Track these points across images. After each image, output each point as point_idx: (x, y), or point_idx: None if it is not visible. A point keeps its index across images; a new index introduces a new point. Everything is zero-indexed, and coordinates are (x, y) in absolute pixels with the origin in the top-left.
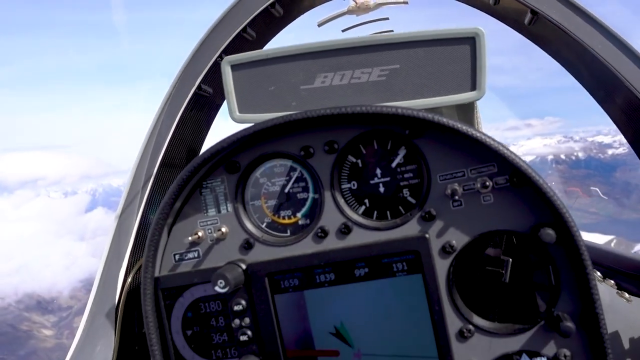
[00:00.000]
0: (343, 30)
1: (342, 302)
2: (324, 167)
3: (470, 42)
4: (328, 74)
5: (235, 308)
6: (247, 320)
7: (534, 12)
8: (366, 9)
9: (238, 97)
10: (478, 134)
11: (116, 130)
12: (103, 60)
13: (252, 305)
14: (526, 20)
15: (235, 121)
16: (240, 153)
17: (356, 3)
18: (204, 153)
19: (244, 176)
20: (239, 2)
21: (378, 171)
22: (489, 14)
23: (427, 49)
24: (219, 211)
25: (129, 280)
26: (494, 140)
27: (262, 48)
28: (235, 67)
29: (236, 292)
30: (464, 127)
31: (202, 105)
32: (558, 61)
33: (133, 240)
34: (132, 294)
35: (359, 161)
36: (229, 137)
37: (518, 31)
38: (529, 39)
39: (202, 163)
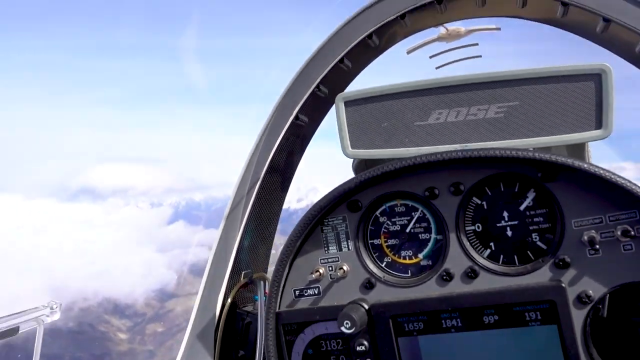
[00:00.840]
0: (431, 57)
1: (464, 350)
2: (448, 209)
3: (595, 79)
4: (443, 111)
5: (358, 349)
6: None
7: (606, 20)
8: (457, 35)
9: (351, 133)
10: (621, 180)
11: (204, 149)
12: (202, 83)
13: (374, 346)
14: (598, 29)
15: (348, 157)
16: (362, 192)
17: (447, 30)
18: (330, 193)
19: (365, 215)
20: (337, 34)
21: (505, 214)
22: (557, 26)
23: (549, 86)
24: (340, 249)
25: (228, 302)
26: (636, 185)
27: (355, 77)
28: (348, 104)
29: (359, 332)
30: (607, 173)
31: (297, 134)
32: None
33: (231, 264)
34: (230, 318)
35: (484, 203)
36: (356, 178)
37: (591, 40)
38: (604, 46)
39: (328, 202)
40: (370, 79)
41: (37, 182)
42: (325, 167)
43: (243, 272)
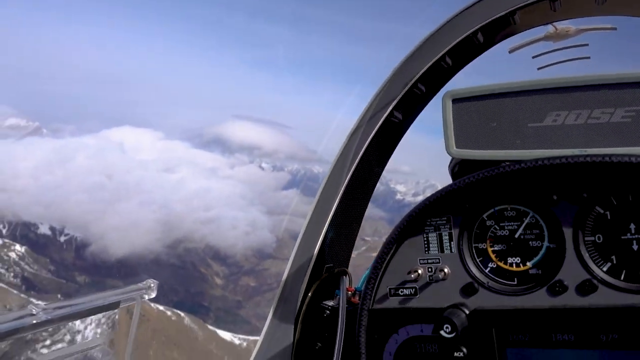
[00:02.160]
0: (534, 57)
1: None
2: (566, 217)
3: None
4: (561, 112)
5: (456, 354)
6: None
7: None
8: (565, 35)
9: (456, 132)
10: None
11: (324, 122)
12: (329, 58)
13: (473, 354)
14: None
15: (452, 156)
16: (470, 193)
17: (556, 29)
18: (436, 192)
19: (472, 217)
20: (441, 30)
21: (632, 226)
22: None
23: None
24: (441, 251)
25: (309, 295)
26: None
27: (454, 75)
28: (456, 101)
29: (458, 338)
30: None
31: (390, 131)
32: None
33: (315, 256)
34: (311, 310)
35: (608, 213)
36: (465, 179)
37: None
38: None
39: (433, 202)
40: (465, 77)
41: (179, 124)
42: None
43: (325, 266)
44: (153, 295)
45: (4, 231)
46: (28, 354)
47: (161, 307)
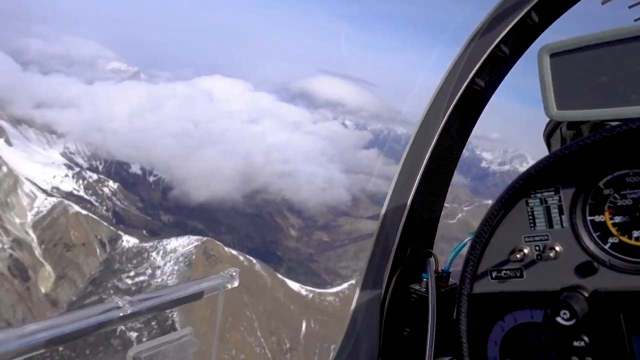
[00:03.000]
0: (630, 7)
1: None
2: None
3: None
4: None
5: (576, 344)
6: None
7: None
8: None
9: (557, 91)
10: None
11: (409, 82)
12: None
13: (597, 343)
14: None
15: (553, 118)
16: (581, 159)
17: None
18: (543, 159)
19: (585, 186)
20: None
21: None
22: None
23: None
24: (550, 226)
25: (394, 279)
26: None
27: (541, 34)
28: (555, 56)
29: (577, 325)
30: None
31: (472, 100)
32: None
33: (400, 234)
34: (396, 294)
35: None
36: (581, 140)
37: None
38: None
39: (540, 170)
40: (552, 37)
41: (268, 77)
42: (536, 135)
43: (409, 248)
44: (236, 284)
45: (100, 167)
46: (114, 281)
47: (234, 252)
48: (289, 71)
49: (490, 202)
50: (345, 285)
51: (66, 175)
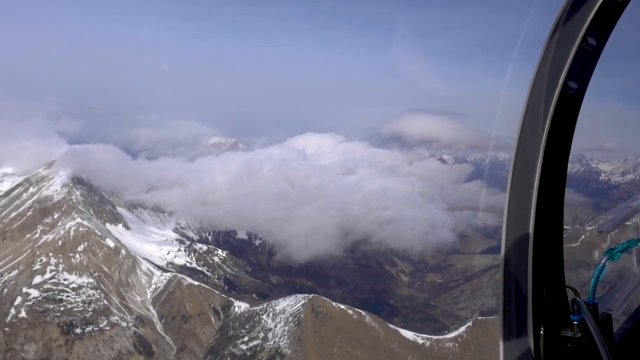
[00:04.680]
0: None
1: None
2: None
3: None
4: None
5: None
6: None
7: None
8: None
9: None
10: None
11: (496, 105)
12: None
13: None
14: None
15: None
16: None
17: None
18: None
19: None
20: None
21: None
22: None
23: None
24: None
25: (542, 328)
26: None
27: (620, 15)
28: None
29: None
30: None
31: (567, 105)
32: None
33: (531, 278)
34: (550, 347)
35: None
36: None
37: None
38: None
39: None
40: None
41: (357, 126)
42: None
43: (545, 288)
44: None
45: (209, 238)
46: (230, 348)
47: (342, 306)
48: (377, 116)
49: None
50: (462, 328)
51: (179, 250)
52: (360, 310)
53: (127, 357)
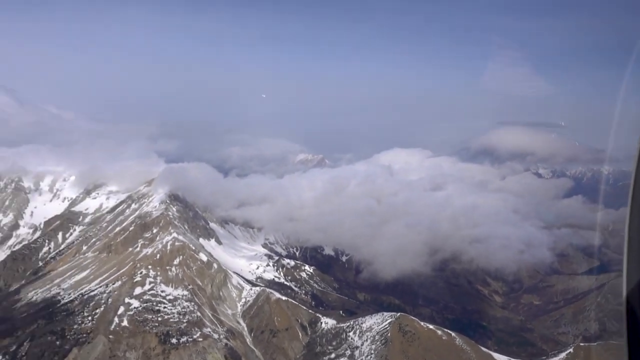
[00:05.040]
0: None
1: None
2: None
3: None
4: None
5: None
6: None
7: None
8: None
9: None
10: None
11: (595, 115)
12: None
13: None
14: None
15: None
16: None
17: None
18: None
19: None
20: None
21: None
22: None
23: None
24: None
25: None
26: None
27: None
28: None
29: None
30: None
31: None
32: None
33: None
34: None
35: None
36: None
37: None
38: None
39: None
40: None
41: (445, 140)
42: None
43: None
44: None
45: (297, 254)
46: None
47: (431, 326)
48: (465, 130)
49: None
50: (563, 355)
51: (267, 265)
52: (450, 331)
53: None
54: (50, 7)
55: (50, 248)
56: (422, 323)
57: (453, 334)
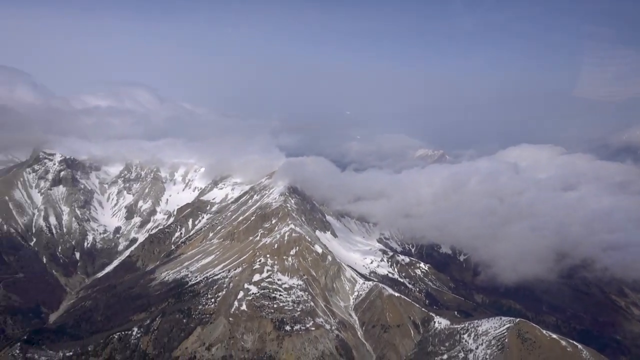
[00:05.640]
0: None
1: None
2: None
3: None
4: None
5: None
6: None
7: None
8: None
9: None
10: None
11: None
12: None
13: None
14: None
15: None
16: None
17: None
18: None
19: None
20: None
21: None
22: None
23: None
24: None
25: None
26: None
27: None
28: None
29: None
30: None
31: None
32: None
33: None
34: None
35: None
36: None
37: None
38: None
39: None
40: None
41: (581, 136)
42: None
43: None
44: None
45: (412, 250)
46: None
47: (554, 335)
48: (605, 125)
49: None
50: None
51: (382, 260)
52: (576, 343)
53: (329, 359)
54: (192, 14)
55: (181, 233)
56: (544, 331)
57: (580, 346)
